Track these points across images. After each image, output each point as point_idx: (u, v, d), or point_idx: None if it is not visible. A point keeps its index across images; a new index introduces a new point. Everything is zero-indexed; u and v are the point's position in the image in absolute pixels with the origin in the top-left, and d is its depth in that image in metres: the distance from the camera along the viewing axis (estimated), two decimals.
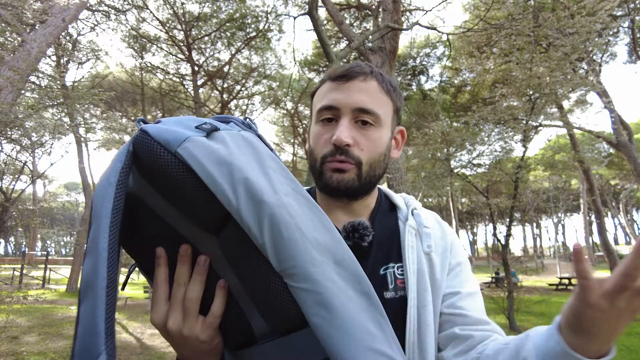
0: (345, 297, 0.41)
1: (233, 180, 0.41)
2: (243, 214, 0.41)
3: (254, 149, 0.46)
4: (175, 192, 0.46)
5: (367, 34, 8.85)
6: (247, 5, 14.70)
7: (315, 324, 0.40)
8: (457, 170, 10.39)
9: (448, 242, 0.75)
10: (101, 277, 0.39)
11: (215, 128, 0.46)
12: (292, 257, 0.41)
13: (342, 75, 0.71)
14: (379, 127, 0.71)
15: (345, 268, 0.43)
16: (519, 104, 8.78)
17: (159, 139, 0.43)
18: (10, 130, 7.41)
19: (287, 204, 0.42)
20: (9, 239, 44.53)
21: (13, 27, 7.65)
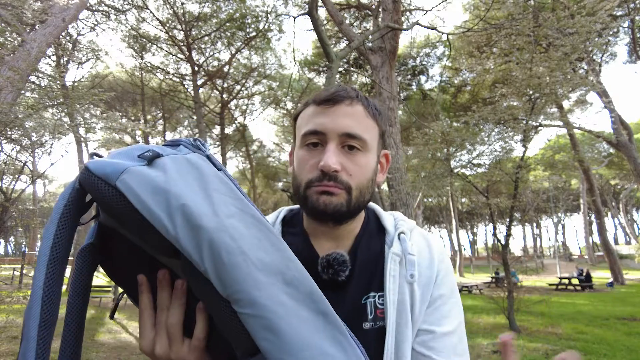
0: (296, 319, 0.40)
1: (169, 207, 0.40)
2: (182, 241, 0.40)
3: (198, 171, 0.45)
4: (126, 225, 0.45)
5: (367, 34, 8.86)
6: (247, 5, 14.70)
7: (265, 349, 0.39)
8: (457, 170, 10.39)
9: (434, 272, 0.70)
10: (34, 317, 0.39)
11: (157, 155, 0.45)
12: (236, 282, 0.39)
13: (327, 99, 0.69)
14: (366, 152, 0.69)
15: (296, 288, 0.42)
16: (519, 104, 8.78)
17: (99, 173, 0.43)
18: (10, 130, 7.41)
19: (229, 226, 0.41)
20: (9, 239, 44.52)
21: (13, 27, 7.65)
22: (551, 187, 28.85)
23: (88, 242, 0.49)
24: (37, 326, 0.39)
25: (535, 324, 8.39)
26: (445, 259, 0.74)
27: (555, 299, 11.97)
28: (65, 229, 0.43)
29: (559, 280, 17.51)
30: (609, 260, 18.72)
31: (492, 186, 17.12)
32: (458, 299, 0.72)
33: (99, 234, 0.50)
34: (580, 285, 16.62)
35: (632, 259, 30.24)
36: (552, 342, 6.64)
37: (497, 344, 0.60)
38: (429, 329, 0.66)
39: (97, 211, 0.49)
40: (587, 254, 35.70)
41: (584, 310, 10.39)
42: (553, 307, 10.41)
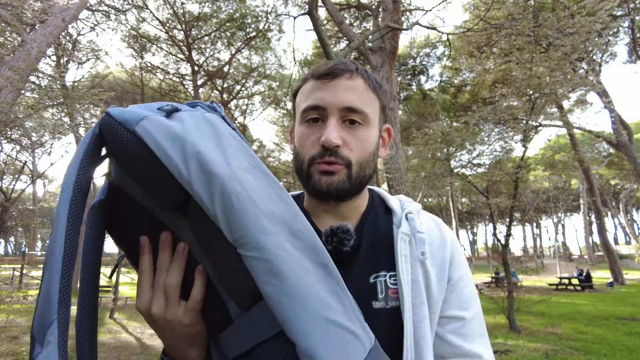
0: (299, 267, 0.40)
1: (185, 154, 0.42)
2: (194, 185, 0.41)
3: (213, 127, 0.46)
4: (139, 172, 0.47)
5: (367, 34, 8.86)
6: (247, 5, 14.70)
7: (267, 292, 0.40)
8: (457, 170, 10.39)
9: (447, 252, 0.70)
10: (59, 248, 0.41)
11: (175, 109, 0.47)
12: (243, 226, 0.40)
13: (326, 73, 0.68)
14: (367, 126, 0.68)
15: (301, 239, 0.42)
16: (519, 103, 8.78)
17: (120, 119, 0.44)
18: (10, 130, 7.41)
19: (240, 176, 0.42)
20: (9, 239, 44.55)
21: (13, 27, 7.65)
22: (551, 187, 28.85)
23: (99, 198, 0.51)
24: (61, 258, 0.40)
25: (535, 324, 8.39)
26: (455, 240, 0.74)
27: (555, 299, 11.97)
28: (85, 176, 0.44)
29: (559, 280, 17.50)
30: (609, 260, 18.72)
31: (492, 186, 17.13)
32: (471, 277, 0.73)
33: (109, 193, 0.51)
34: (580, 285, 16.62)
35: (632, 259, 30.25)
36: (552, 342, 6.64)
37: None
38: (459, 315, 0.66)
39: (109, 169, 0.51)
40: (587, 254, 35.71)
41: (584, 310, 10.39)
42: (553, 307, 10.41)
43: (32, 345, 0.40)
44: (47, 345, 0.38)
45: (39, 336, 0.39)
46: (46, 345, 0.38)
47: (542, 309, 9.67)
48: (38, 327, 0.39)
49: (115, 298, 9.33)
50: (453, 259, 0.70)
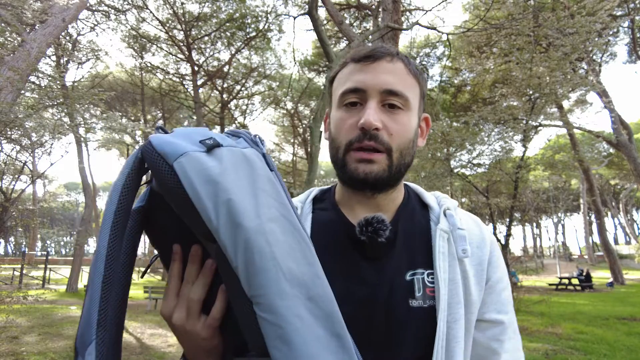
0: (311, 335, 0.40)
1: (217, 200, 0.42)
2: (221, 234, 0.42)
3: (251, 168, 0.46)
4: (174, 203, 0.48)
5: (367, 33, 8.85)
6: (247, 5, 14.70)
7: (274, 357, 0.40)
8: (457, 170, 10.39)
9: (486, 252, 0.67)
10: (98, 273, 0.42)
11: (217, 144, 0.47)
12: (262, 286, 0.40)
13: (367, 56, 0.65)
14: (407, 111, 0.65)
15: (318, 305, 0.42)
16: (519, 103, 8.78)
17: (160, 150, 0.45)
18: (10, 130, 7.40)
19: (267, 230, 0.42)
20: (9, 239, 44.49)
21: (13, 27, 7.65)
22: (551, 187, 28.85)
23: (139, 204, 0.52)
24: (100, 282, 0.42)
25: (535, 324, 8.39)
26: (494, 240, 0.71)
27: (555, 299, 11.97)
28: (128, 194, 0.46)
29: (559, 280, 17.50)
30: (609, 260, 18.72)
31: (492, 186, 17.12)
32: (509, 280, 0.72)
33: (149, 199, 0.53)
34: (580, 285, 16.63)
35: (632, 259, 30.25)
36: (552, 342, 6.64)
37: None
38: (498, 319, 0.65)
39: (151, 177, 0.52)
40: (587, 254, 35.71)
41: (584, 310, 10.39)
42: (553, 307, 10.41)
43: (75, 356, 0.43)
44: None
45: (81, 350, 0.42)
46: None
47: (542, 309, 9.67)
48: (80, 342, 0.42)
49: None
50: (492, 259, 0.67)
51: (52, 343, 6.49)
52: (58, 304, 11.70)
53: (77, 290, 15.83)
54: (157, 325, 8.49)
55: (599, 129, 18.03)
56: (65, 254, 62.77)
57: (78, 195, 52.69)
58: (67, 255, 58.83)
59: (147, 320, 9.10)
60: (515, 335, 0.67)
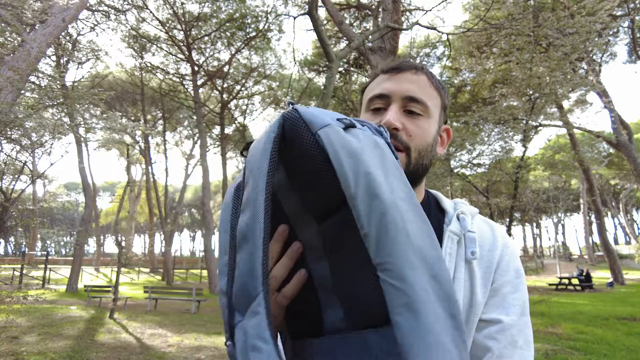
0: (433, 310, 0.41)
1: (357, 171, 0.44)
2: (358, 201, 0.43)
3: (381, 152, 0.49)
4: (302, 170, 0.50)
5: (367, 33, 8.85)
6: (247, 5, 14.70)
7: (398, 323, 0.40)
8: (457, 170, 10.40)
9: (496, 256, 0.68)
10: (259, 228, 0.44)
11: (352, 124, 0.50)
12: (392, 255, 0.41)
13: (394, 68, 0.73)
14: (427, 118, 0.71)
15: (440, 285, 0.43)
16: (519, 104, 8.79)
17: (305, 118, 0.49)
18: (10, 130, 7.41)
19: (400, 207, 0.44)
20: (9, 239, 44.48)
21: (13, 27, 7.66)
22: (551, 187, 28.86)
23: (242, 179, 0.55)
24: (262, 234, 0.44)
25: (535, 324, 8.40)
26: (510, 244, 0.72)
27: (555, 299, 11.98)
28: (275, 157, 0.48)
29: (559, 280, 17.52)
30: (609, 260, 18.73)
31: (492, 186, 17.13)
32: (525, 286, 0.70)
33: None
34: (580, 285, 16.64)
35: (632, 259, 30.27)
36: (552, 342, 6.64)
37: None
38: (496, 318, 0.65)
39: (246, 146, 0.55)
40: (587, 254, 35.73)
41: (584, 310, 10.40)
42: (553, 307, 10.42)
43: (232, 315, 0.45)
44: (257, 314, 0.42)
45: (241, 306, 0.44)
46: (254, 315, 0.43)
47: (542, 309, 9.68)
48: (241, 299, 0.44)
49: (115, 298, 9.33)
50: (501, 263, 0.68)
51: (52, 343, 6.49)
52: (58, 304, 11.70)
53: (77, 290, 15.83)
54: (157, 325, 8.49)
55: (599, 129, 18.03)
56: (65, 254, 62.79)
57: (78, 195, 52.73)
58: (67, 255, 58.84)
59: (147, 320, 9.10)
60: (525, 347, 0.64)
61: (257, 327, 0.42)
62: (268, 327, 0.42)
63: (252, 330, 0.42)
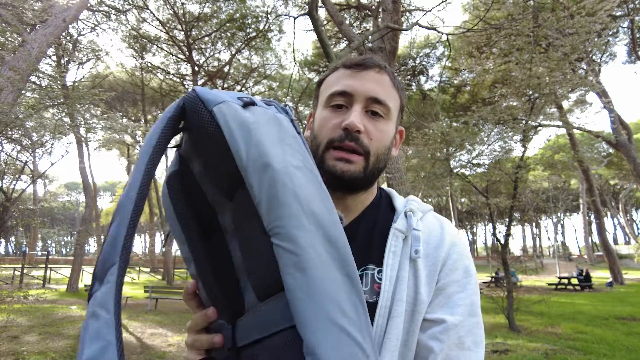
0: (325, 269, 0.41)
1: (249, 141, 0.45)
2: (249, 172, 0.44)
3: (280, 126, 0.49)
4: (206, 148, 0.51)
5: (367, 34, 8.86)
6: (247, 6, 14.71)
7: (288, 284, 0.41)
8: (457, 170, 10.40)
9: (442, 255, 0.66)
10: (129, 201, 0.45)
11: (252, 102, 0.51)
12: (281, 216, 0.42)
13: (358, 64, 0.71)
14: (387, 120, 0.70)
15: (334, 246, 0.43)
16: (518, 104, 8.79)
17: (202, 97, 0.49)
18: (10, 130, 7.41)
19: (292, 173, 0.44)
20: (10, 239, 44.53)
21: (13, 27, 7.67)
22: (551, 187, 28.88)
23: (174, 169, 0.57)
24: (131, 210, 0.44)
25: (535, 324, 8.41)
26: (459, 243, 0.69)
27: (555, 298, 11.99)
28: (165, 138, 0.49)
29: (559, 280, 17.53)
30: (609, 260, 18.74)
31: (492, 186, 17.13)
32: (475, 285, 0.66)
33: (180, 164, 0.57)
34: (580, 285, 16.65)
35: (631, 259, 30.27)
36: (552, 341, 6.66)
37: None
38: (440, 318, 0.62)
39: (181, 141, 0.57)
40: (586, 254, 35.73)
41: (583, 310, 10.41)
42: (552, 306, 10.43)
43: (92, 284, 0.44)
44: (107, 283, 0.42)
45: (101, 275, 0.43)
46: (105, 284, 0.42)
47: (541, 309, 9.69)
48: (101, 268, 0.43)
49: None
50: (448, 262, 0.66)
51: (52, 343, 6.50)
52: (58, 304, 11.70)
53: (78, 290, 15.83)
54: (158, 324, 8.50)
55: (599, 129, 18.07)
56: (65, 254, 62.75)
57: (78, 195, 52.72)
58: (68, 255, 58.80)
59: (148, 320, 9.11)
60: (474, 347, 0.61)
61: (103, 296, 0.42)
62: (114, 297, 0.42)
63: (98, 297, 0.42)
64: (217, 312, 0.56)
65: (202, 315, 0.56)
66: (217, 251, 0.55)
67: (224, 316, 0.55)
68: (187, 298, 0.60)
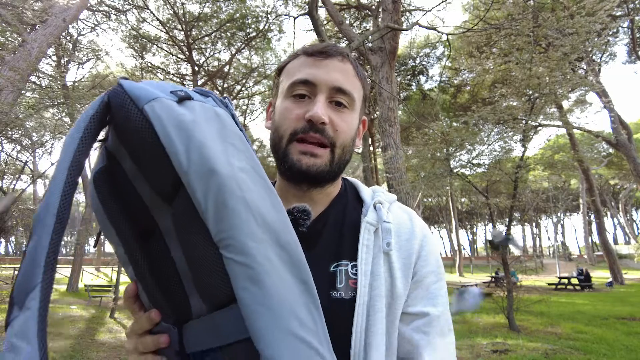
0: (280, 279, 0.40)
1: (189, 144, 0.41)
2: (191, 178, 0.40)
3: (222, 124, 0.46)
4: (138, 150, 0.45)
5: (367, 34, 8.87)
6: (247, 6, 14.70)
7: (242, 298, 0.39)
8: (457, 170, 10.40)
9: (416, 245, 0.66)
10: (51, 213, 0.39)
11: (188, 96, 0.46)
12: (232, 227, 0.39)
13: (320, 52, 0.67)
14: (351, 111, 0.68)
15: (287, 252, 0.42)
16: (518, 104, 8.78)
17: (130, 93, 0.44)
18: (11, 130, 7.42)
19: (239, 178, 0.42)
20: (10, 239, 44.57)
21: (13, 27, 7.67)
22: (551, 187, 28.87)
23: (101, 165, 0.50)
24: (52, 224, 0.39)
25: (535, 324, 8.41)
26: (429, 234, 0.70)
27: (555, 298, 11.99)
28: (89, 139, 0.44)
29: (559, 279, 17.53)
30: (608, 260, 18.74)
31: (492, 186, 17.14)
32: (444, 274, 0.69)
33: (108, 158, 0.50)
34: (580, 284, 16.65)
35: (631, 259, 30.27)
36: (552, 341, 6.66)
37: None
38: (423, 311, 0.63)
39: (107, 136, 0.49)
40: (586, 254, 35.72)
41: (583, 310, 10.41)
42: (552, 306, 10.44)
43: (10, 309, 0.38)
44: (27, 310, 0.37)
45: (19, 300, 0.38)
46: (25, 311, 0.37)
47: (541, 309, 9.69)
48: (19, 290, 0.38)
49: (115, 297, 9.35)
50: (422, 253, 0.66)
51: (52, 343, 6.50)
52: (58, 304, 11.70)
53: (78, 290, 15.82)
54: None
55: (599, 129, 18.08)
56: (65, 254, 62.60)
57: (78, 195, 52.66)
58: (68, 254, 58.72)
59: None
60: (449, 333, 0.64)
61: (23, 324, 0.36)
62: (36, 325, 0.36)
63: (16, 326, 0.37)
64: (161, 316, 0.52)
65: (144, 318, 0.52)
66: (156, 253, 0.50)
67: (168, 320, 0.52)
68: (127, 302, 0.55)
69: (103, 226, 0.51)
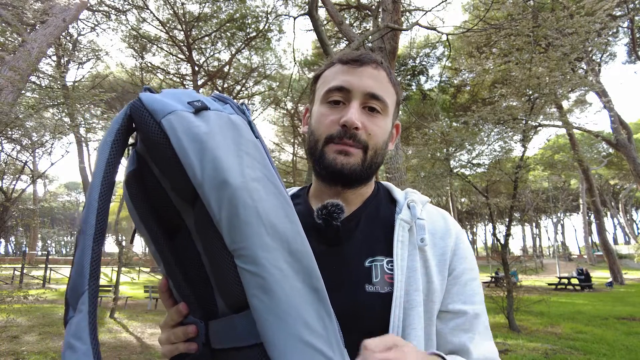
0: (291, 287, 0.41)
1: (203, 156, 0.43)
2: (205, 189, 0.42)
3: (237, 132, 0.47)
4: (160, 161, 0.48)
5: (367, 34, 8.87)
6: (247, 6, 14.71)
7: (254, 306, 0.41)
8: (457, 170, 10.40)
9: (451, 243, 0.68)
10: (90, 225, 0.43)
11: (205, 107, 0.48)
12: (244, 238, 0.41)
13: (355, 60, 0.71)
14: (385, 116, 0.71)
15: (298, 260, 0.43)
16: (518, 104, 8.78)
17: (149, 107, 0.46)
18: (10, 130, 7.42)
19: (251, 188, 0.43)
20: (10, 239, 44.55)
21: (13, 27, 7.67)
22: (551, 187, 28.86)
23: (132, 168, 0.53)
24: (92, 235, 0.43)
25: (535, 324, 8.41)
26: (463, 234, 0.72)
27: (555, 298, 11.99)
28: (117, 150, 0.47)
29: (559, 280, 17.53)
30: (608, 260, 18.74)
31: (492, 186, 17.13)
32: (479, 274, 0.71)
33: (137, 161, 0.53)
34: (580, 285, 16.65)
35: (631, 259, 30.26)
36: (552, 341, 6.66)
37: None
38: (462, 310, 0.65)
39: (136, 140, 0.52)
40: (586, 254, 35.71)
41: (583, 310, 10.41)
42: (552, 306, 10.44)
43: (67, 309, 0.43)
44: (80, 312, 0.41)
45: (73, 302, 0.43)
46: (78, 313, 0.41)
47: (541, 309, 9.69)
48: (72, 294, 0.43)
49: (115, 297, 9.35)
50: (457, 251, 0.69)
51: (52, 342, 6.50)
52: (58, 304, 11.70)
53: None
54: (158, 324, 8.50)
55: (599, 129, 18.10)
56: (65, 254, 62.71)
57: (79, 195, 52.67)
58: (68, 254, 58.77)
59: (148, 320, 9.11)
60: (487, 332, 0.66)
61: (77, 326, 0.41)
62: (88, 327, 0.41)
63: (73, 328, 0.41)
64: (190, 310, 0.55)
65: (174, 310, 0.56)
66: (184, 251, 0.53)
67: (196, 314, 0.54)
68: (161, 296, 0.59)
69: (137, 225, 0.55)
